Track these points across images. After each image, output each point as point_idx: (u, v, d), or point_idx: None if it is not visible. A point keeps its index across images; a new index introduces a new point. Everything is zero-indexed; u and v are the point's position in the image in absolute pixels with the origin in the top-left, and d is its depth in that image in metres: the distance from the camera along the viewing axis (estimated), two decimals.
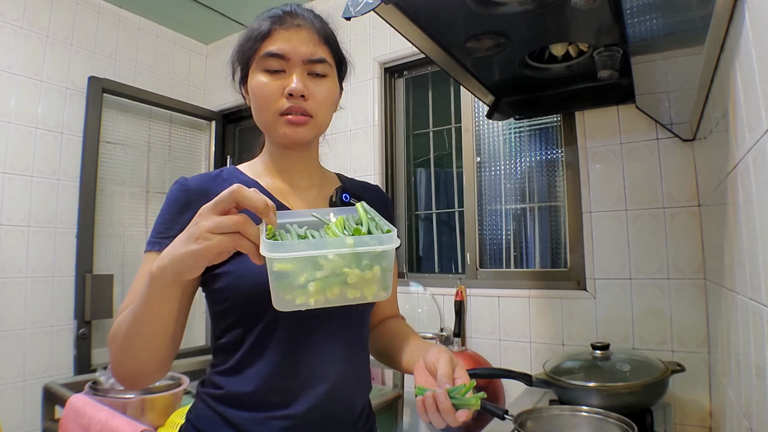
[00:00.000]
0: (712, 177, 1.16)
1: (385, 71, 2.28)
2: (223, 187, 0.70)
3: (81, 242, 2.23)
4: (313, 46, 0.76)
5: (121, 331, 0.65)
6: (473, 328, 1.89)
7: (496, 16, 1.06)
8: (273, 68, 0.75)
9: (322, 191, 0.84)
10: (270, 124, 0.76)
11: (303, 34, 0.76)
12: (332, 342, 0.74)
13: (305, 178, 0.84)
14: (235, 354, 0.72)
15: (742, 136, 0.73)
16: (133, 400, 1.40)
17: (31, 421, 2.01)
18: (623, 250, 1.60)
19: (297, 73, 0.75)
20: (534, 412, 1.13)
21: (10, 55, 2.09)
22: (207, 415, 0.73)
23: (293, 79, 0.74)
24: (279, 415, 0.70)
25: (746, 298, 0.77)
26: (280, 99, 0.74)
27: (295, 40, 0.75)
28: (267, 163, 0.84)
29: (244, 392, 0.70)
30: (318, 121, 0.78)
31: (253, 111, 0.79)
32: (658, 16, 0.89)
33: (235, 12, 2.63)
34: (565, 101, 1.62)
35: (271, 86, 0.74)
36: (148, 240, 0.74)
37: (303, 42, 0.75)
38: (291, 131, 0.75)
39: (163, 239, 0.70)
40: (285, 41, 0.75)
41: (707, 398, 1.43)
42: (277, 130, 0.76)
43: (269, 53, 0.74)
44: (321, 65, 0.77)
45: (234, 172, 0.81)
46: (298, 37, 0.75)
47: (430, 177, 2.28)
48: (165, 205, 0.76)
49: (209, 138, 2.92)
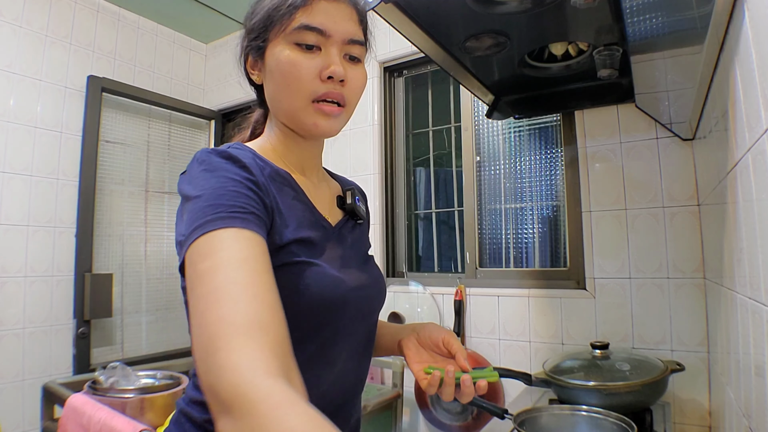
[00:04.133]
0: (711, 176, 1.16)
1: (384, 70, 2.28)
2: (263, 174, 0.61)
3: (80, 241, 2.23)
4: (353, 24, 0.67)
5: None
6: (473, 327, 1.89)
7: (496, 16, 1.06)
8: (309, 43, 0.64)
9: (329, 190, 0.76)
10: (300, 110, 0.65)
11: (343, 9, 0.66)
12: (354, 359, 0.69)
13: (316, 171, 0.75)
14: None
15: (741, 136, 0.73)
16: (132, 400, 1.40)
17: (31, 421, 2.01)
18: (623, 250, 1.60)
19: (336, 53, 0.65)
20: (533, 411, 1.13)
21: (9, 54, 2.08)
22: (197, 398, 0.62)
23: (335, 59, 0.64)
24: None
25: (746, 298, 0.77)
26: (314, 81, 0.64)
27: (336, 15, 0.65)
28: (281, 152, 0.70)
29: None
30: (349, 112, 0.69)
31: (275, 93, 0.67)
32: (658, 15, 0.89)
33: (235, 11, 2.63)
34: (564, 100, 1.62)
35: (306, 65, 0.63)
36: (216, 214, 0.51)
37: (345, 18, 0.66)
38: (325, 122, 0.65)
39: (244, 213, 0.53)
40: (325, 14, 0.64)
41: (707, 397, 1.43)
42: (307, 119, 0.65)
43: (307, 26, 0.63)
44: (359, 48, 0.68)
45: (254, 157, 0.64)
46: (338, 11, 0.65)
47: (430, 176, 2.28)
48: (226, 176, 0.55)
49: (209, 137, 2.92)
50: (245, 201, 0.54)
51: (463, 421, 1.77)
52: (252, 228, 0.51)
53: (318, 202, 0.70)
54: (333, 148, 2.29)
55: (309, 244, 0.62)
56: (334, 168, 0.91)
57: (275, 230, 0.59)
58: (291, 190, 0.66)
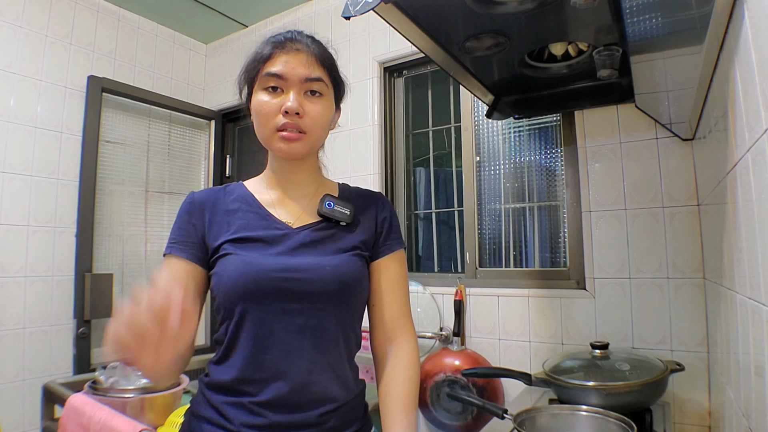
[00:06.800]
0: (711, 176, 1.16)
1: (384, 70, 2.28)
2: (224, 200, 0.89)
3: (80, 241, 2.23)
4: (309, 66, 0.83)
5: None
6: (473, 327, 1.89)
7: (496, 16, 1.06)
8: (272, 85, 0.82)
9: (313, 200, 0.90)
10: (268, 138, 0.84)
11: (301, 57, 0.83)
12: (297, 339, 0.79)
13: (300, 188, 0.91)
14: (220, 346, 0.82)
15: (741, 136, 0.73)
16: (132, 400, 1.40)
17: (31, 421, 2.01)
18: (622, 250, 1.60)
19: (294, 92, 0.82)
20: (533, 411, 1.13)
21: (9, 54, 2.08)
22: (198, 399, 0.83)
23: (290, 97, 0.81)
24: (248, 401, 0.77)
25: (745, 297, 0.77)
26: (277, 116, 0.82)
27: (293, 62, 0.82)
28: (269, 174, 0.93)
29: (224, 380, 0.79)
30: (312, 138, 0.85)
31: (255, 126, 0.86)
32: (658, 16, 0.89)
33: (235, 12, 2.63)
34: (564, 100, 1.62)
35: (270, 104, 0.82)
36: (166, 245, 0.85)
37: (301, 64, 0.83)
38: (286, 146, 0.83)
39: (174, 244, 0.83)
40: (284, 63, 0.82)
41: (706, 397, 1.43)
42: (273, 145, 0.84)
43: (269, 73, 0.82)
44: (317, 83, 0.84)
45: (236, 188, 0.92)
46: (296, 59, 0.83)
47: (430, 176, 2.28)
48: (177, 216, 0.87)
49: (209, 137, 2.92)
50: (180, 232, 0.85)
51: (463, 421, 1.77)
52: (178, 254, 0.83)
53: (284, 211, 0.88)
54: (333, 148, 2.28)
55: (246, 240, 0.83)
56: (333, 168, 0.94)
57: (211, 237, 0.84)
58: (246, 206, 0.88)
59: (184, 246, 0.83)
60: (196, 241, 0.84)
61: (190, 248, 0.83)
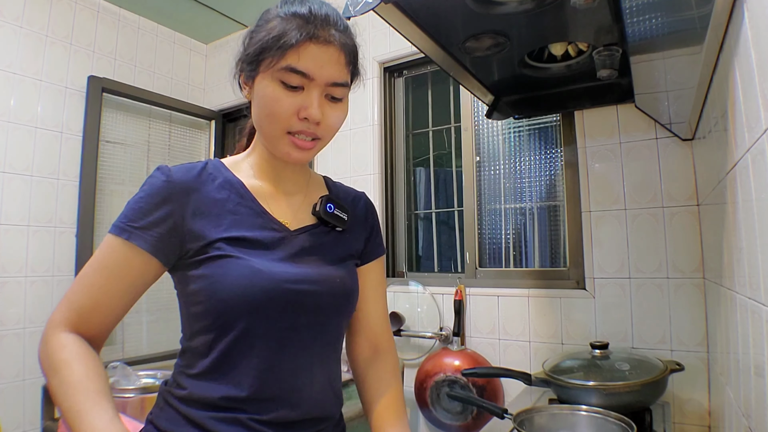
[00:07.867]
0: (711, 176, 1.16)
1: (384, 71, 2.28)
2: (208, 186, 0.73)
3: (81, 241, 2.23)
4: (337, 67, 0.71)
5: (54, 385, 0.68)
6: (472, 327, 1.89)
7: (496, 16, 1.06)
8: (292, 84, 0.69)
9: (307, 197, 0.82)
10: (276, 138, 0.72)
11: (331, 52, 0.70)
12: (306, 356, 0.73)
13: (292, 183, 0.81)
14: (204, 359, 0.69)
15: (741, 136, 0.73)
16: (132, 400, 1.40)
17: (31, 421, 2.01)
18: (622, 250, 1.60)
19: (316, 95, 0.70)
20: (533, 411, 1.13)
21: (10, 54, 2.08)
22: (169, 416, 0.69)
23: (313, 103, 0.69)
24: (246, 417, 0.67)
25: (745, 297, 0.77)
26: (292, 118, 0.70)
27: (321, 59, 0.69)
28: (256, 162, 0.79)
29: (211, 397, 0.67)
30: (324, 143, 0.76)
31: (257, 116, 0.73)
32: (658, 16, 0.89)
33: (235, 12, 2.63)
34: (564, 101, 1.62)
35: (286, 103, 0.69)
36: (115, 222, 0.68)
37: (330, 61, 0.70)
38: (297, 153, 0.72)
39: (134, 228, 0.67)
40: (311, 59, 0.68)
41: (706, 397, 1.43)
42: (281, 148, 0.72)
43: (293, 68, 0.68)
44: (341, 89, 0.73)
45: (219, 167, 0.76)
46: (325, 54, 0.69)
47: (430, 176, 2.28)
48: (144, 193, 0.70)
49: (209, 137, 2.92)
50: (142, 216, 0.68)
51: (463, 420, 1.77)
52: (137, 243, 0.67)
53: (278, 208, 0.77)
54: (333, 149, 2.29)
55: (243, 241, 0.71)
56: (333, 168, 0.92)
57: (196, 230, 0.69)
58: (237, 197, 0.74)
59: (146, 234, 0.67)
60: (164, 231, 0.68)
61: (154, 239, 0.67)
